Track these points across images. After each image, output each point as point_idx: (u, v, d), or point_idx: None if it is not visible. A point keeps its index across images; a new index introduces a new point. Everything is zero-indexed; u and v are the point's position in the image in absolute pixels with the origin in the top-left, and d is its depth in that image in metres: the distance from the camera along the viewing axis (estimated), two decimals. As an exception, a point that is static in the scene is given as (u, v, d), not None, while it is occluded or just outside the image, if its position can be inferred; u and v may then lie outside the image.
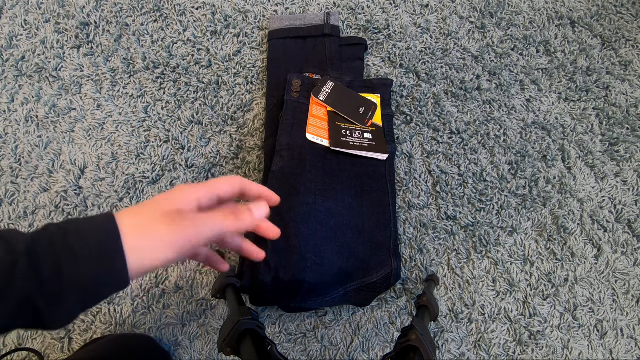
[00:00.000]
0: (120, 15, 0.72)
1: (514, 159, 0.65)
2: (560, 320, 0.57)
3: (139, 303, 0.57)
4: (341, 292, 0.53)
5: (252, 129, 0.66)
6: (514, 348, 0.56)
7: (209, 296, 0.57)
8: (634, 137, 0.67)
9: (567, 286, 0.59)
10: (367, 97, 0.64)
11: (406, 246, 0.60)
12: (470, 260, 0.60)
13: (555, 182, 0.64)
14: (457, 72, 0.70)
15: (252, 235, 0.53)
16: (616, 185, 0.64)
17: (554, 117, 0.68)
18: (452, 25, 0.73)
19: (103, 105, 0.67)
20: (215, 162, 0.64)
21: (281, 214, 0.52)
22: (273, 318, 0.57)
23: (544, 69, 0.71)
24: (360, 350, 0.56)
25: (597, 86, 0.70)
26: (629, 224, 0.62)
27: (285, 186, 0.55)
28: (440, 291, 0.59)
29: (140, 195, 0.62)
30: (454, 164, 0.64)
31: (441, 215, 0.62)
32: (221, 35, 0.71)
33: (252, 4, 0.74)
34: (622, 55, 0.72)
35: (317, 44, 0.70)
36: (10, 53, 0.70)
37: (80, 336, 0.55)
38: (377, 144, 0.60)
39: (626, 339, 0.57)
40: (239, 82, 0.68)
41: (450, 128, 0.66)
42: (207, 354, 0.55)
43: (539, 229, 0.61)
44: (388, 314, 0.57)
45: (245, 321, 0.38)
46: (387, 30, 0.72)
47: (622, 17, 0.75)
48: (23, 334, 0.55)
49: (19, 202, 0.61)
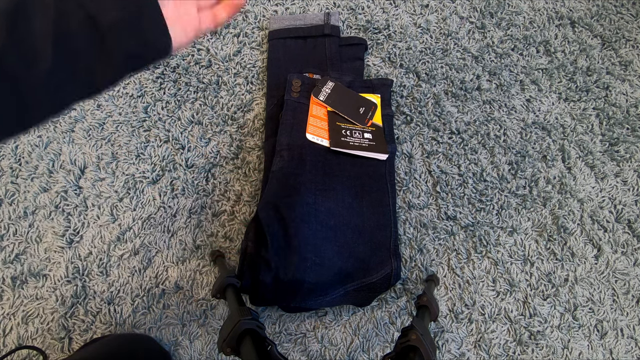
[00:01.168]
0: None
1: (514, 159, 0.65)
2: (560, 320, 0.57)
3: (139, 303, 0.57)
4: (341, 292, 0.53)
5: (252, 129, 0.66)
6: (514, 348, 0.56)
7: (209, 296, 0.57)
8: (634, 137, 0.67)
9: (567, 286, 0.59)
10: (367, 97, 0.64)
11: (406, 246, 0.60)
12: (470, 260, 0.60)
13: (555, 182, 0.64)
14: (457, 72, 0.70)
15: (253, 234, 0.53)
16: (616, 185, 0.64)
17: (554, 117, 0.68)
18: (452, 25, 0.73)
19: (103, 105, 0.67)
20: (215, 162, 0.64)
21: (281, 214, 0.52)
22: (273, 318, 0.57)
23: (544, 69, 0.71)
24: (360, 350, 0.56)
25: (597, 86, 0.70)
26: (629, 224, 0.62)
27: (285, 186, 0.55)
28: (440, 291, 0.59)
29: (140, 195, 0.62)
30: (454, 164, 0.64)
31: (441, 215, 0.62)
32: (221, 35, 0.71)
33: (252, 4, 0.74)
34: (622, 55, 0.72)
35: (317, 44, 0.70)
36: (10, 53, 0.70)
37: (80, 336, 0.55)
38: (377, 144, 0.60)
39: (626, 339, 0.57)
40: (239, 82, 0.68)
41: (450, 128, 0.66)
42: (207, 354, 0.55)
43: (539, 229, 0.61)
44: (388, 314, 0.57)
45: (245, 321, 0.38)
46: (387, 30, 0.72)
47: (622, 17, 0.75)
48: (23, 334, 0.55)
49: (19, 202, 0.61)
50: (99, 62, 0.28)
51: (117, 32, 0.27)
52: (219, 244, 0.60)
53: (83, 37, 0.26)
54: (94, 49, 0.27)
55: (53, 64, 0.25)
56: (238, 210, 0.61)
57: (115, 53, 0.28)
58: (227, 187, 0.63)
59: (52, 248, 0.59)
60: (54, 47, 0.25)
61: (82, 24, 0.26)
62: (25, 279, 0.58)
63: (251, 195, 0.62)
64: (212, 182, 0.63)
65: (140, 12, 0.28)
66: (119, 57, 0.28)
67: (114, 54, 0.28)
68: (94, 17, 0.26)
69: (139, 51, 0.29)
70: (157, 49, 0.31)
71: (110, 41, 0.27)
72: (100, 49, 0.27)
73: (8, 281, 0.57)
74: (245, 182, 0.63)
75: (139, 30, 0.29)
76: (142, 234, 0.60)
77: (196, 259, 0.59)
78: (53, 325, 0.56)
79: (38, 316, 0.56)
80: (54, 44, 0.25)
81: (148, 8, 0.29)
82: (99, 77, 0.29)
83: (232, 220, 0.61)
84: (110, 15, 0.27)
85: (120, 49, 0.28)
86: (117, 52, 0.28)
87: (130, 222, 0.60)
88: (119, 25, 0.27)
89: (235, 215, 0.61)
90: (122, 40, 0.28)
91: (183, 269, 0.59)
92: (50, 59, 0.25)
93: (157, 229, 0.60)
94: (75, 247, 0.59)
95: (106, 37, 0.27)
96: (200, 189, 0.62)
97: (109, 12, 0.27)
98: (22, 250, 0.59)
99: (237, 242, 0.60)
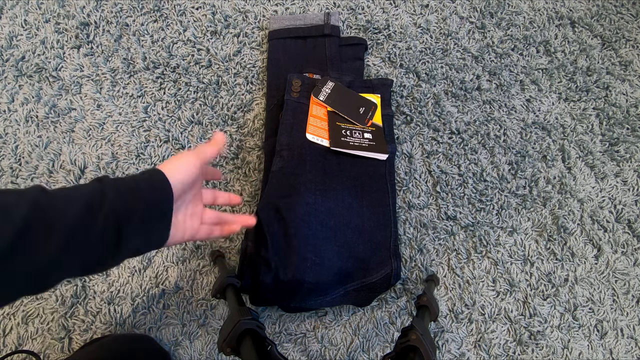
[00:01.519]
0: (120, 15, 0.72)
1: (514, 159, 0.65)
2: (560, 320, 0.57)
3: (139, 303, 0.57)
4: (341, 292, 0.53)
5: (252, 129, 0.66)
6: (514, 348, 0.56)
7: (209, 296, 0.57)
8: (634, 137, 0.67)
9: (567, 286, 0.59)
10: (367, 97, 0.64)
11: (406, 246, 0.60)
12: (470, 260, 0.60)
13: (555, 182, 0.64)
14: (457, 72, 0.70)
15: (253, 234, 0.53)
16: (616, 185, 0.64)
17: (554, 117, 0.68)
18: (452, 25, 0.73)
19: (103, 105, 0.67)
20: (215, 162, 0.64)
21: (281, 214, 0.52)
22: (273, 318, 0.57)
23: (544, 69, 0.71)
24: (360, 350, 0.56)
25: (597, 86, 0.70)
26: (629, 224, 0.62)
27: (285, 186, 0.55)
28: (440, 291, 0.59)
29: (140, 195, 0.62)
30: (454, 164, 0.64)
31: (441, 215, 0.62)
32: (221, 35, 0.71)
33: (252, 4, 0.74)
34: (622, 55, 0.72)
35: (317, 44, 0.70)
36: (10, 53, 0.70)
37: (80, 336, 0.55)
38: (377, 144, 0.60)
39: (626, 339, 0.57)
40: (239, 82, 0.68)
41: (450, 128, 0.66)
42: (207, 354, 0.55)
43: (539, 229, 0.61)
44: (388, 314, 0.57)
45: (245, 321, 0.38)
46: (387, 30, 0.72)
47: (622, 17, 0.75)
48: (23, 334, 0.55)
49: (19, 202, 0.61)
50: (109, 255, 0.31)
51: (132, 229, 0.31)
52: (219, 244, 0.60)
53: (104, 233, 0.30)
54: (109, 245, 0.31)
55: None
56: (238, 210, 0.61)
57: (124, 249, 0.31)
58: (227, 187, 0.63)
59: (52, 248, 0.59)
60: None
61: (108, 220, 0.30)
62: (25, 279, 0.58)
63: (251, 195, 0.62)
64: (212, 182, 0.63)
65: (157, 216, 0.34)
66: (125, 252, 0.32)
67: (123, 250, 0.31)
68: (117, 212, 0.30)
69: (140, 247, 0.33)
70: (154, 246, 0.35)
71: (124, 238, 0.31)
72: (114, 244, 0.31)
73: (8, 281, 0.57)
74: (245, 182, 0.63)
75: (148, 231, 0.33)
76: (142, 234, 0.60)
77: (196, 259, 0.59)
78: (53, 325, 0.56)
79: (38, 316, 0.56)
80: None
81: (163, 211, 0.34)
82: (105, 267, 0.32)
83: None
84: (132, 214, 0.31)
85: (130, 245, 0.32)
86: (125, 249, 0.31)
87: (130, 222, 0.60)
88: (136, 223, 0.31)
89: (235, 215, 0.61)
90: (132, 238, 0.32)
91: (183, 269, 0.59)
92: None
93: (157, 229, 0.60)
94: (75, 247, 0.59)
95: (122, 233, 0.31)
96: (200, 189, 0.62)
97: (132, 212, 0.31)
98: (22, 250, 0.59)
99: (237, 242, 0.60)
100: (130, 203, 0.31)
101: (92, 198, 0.29)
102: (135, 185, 0.32)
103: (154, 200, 0.33)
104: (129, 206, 0.31)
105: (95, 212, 0.29)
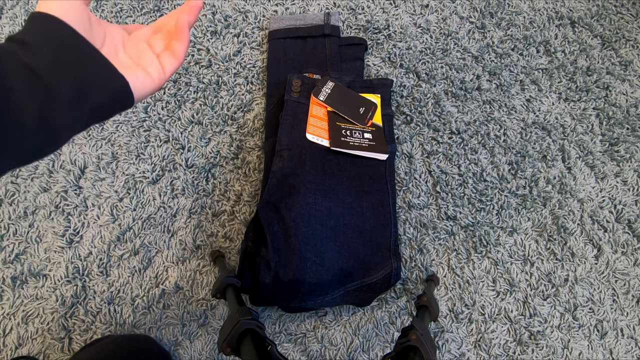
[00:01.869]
0: (120, 15, 0.72)
1: (514, 159, 0.65)
2: (560, 320, 0.57)
3: (139, 303, 0.57)
4: (341, 292, 0.53)
5: (252, 129, 0.66)
6: (514, 348, 0.56)
7: (209, 296, 0.57)
8: (634, 137, 0.67)
9: (567, 286, 0.59)
10: (367, 97, 0.64)
11: (406, 246, 0.60)
12: (470, 260, 0.60)
13: (555, 182, 0.64)
14: (457, 72, 0.70)
15: (253, 234, 0.53)
16: (616, 185, 0.64)
17: (554, 117, 0.68)
18: (452, 25, 0.73)
19: (103, 105, 0.67)
20: (215, 162, 0.64)
21: (281, 214, 0.52)
22: (273, 318, 0.57)
23: (544, 69, 0.71)
24: (360, 350, 0.56)
25: (597, 86, 0.70)
26: (629, 224, 0.62)
27: (285, 186, 0.55)
28: (440, 291, 0.59)
29: (140, 195, 0.62)
30: (454, 164, 0.64)
31: (441, 215, 0.62)
32: (221, 35, 0.71)
33: (252, 4, 0.74)
34: (622, 55, 0.72)
35: (317, 44, 0.70)
36: (10, 53, 0.70)
37: (80, 336, 0.56)
38: (377, 144, 0.60)
39: (626, 339, 0.57)
40: (239, 82, 0.68)
41: (450, 128, 0.66)
42: (207, 354, 0.55)
43: (539, 229, 0.61)
44: (388, 314, 0.57)
45: (245, 321, 0.38)
46: (387, 30, 0.72)
47: (622, 17, 0.75)
48: (23, 334, 0.55)
49: (19, 202, 0.61)
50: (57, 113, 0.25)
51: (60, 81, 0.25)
52: (219, 244, 0.60)
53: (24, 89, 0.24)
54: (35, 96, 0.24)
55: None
56: (238, 210, 0.61)
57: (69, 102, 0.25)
58: (227, 187, 0.63)
59: (52, 248, 0.59)
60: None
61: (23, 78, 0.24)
62: (25, 279, 0.58)
63: (251, 195, 0.62)
64: (212, 182, 0.63)
65: (78, 58, 0.26)
66: (83, 109, 0.26)
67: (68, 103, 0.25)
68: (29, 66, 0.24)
69: (100, 101, 0.27)
70: (108, 90, 0.28)
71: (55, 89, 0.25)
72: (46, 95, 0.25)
73: (8, 281, 0.57)
74: (245, 182, 0.63)
75: (80, 74, 0.26)
76: (142, 234, 0.60)
77: (196, 259, 0.59)
78: (53, 325, 0.56)
79: (38, 316, 0.56)
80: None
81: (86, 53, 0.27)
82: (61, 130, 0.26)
83: (232, 220, 0.61)
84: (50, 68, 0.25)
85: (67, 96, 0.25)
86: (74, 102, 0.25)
87: (130, 222, 0.60)
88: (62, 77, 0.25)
89: (235, 215, 0.61)
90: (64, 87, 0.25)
91: (183, 269, 0.59)
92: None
93: (157, 229, 0.60)
94: (75, 247, 0.59)
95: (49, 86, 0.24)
96: (200, 189, 0.62)
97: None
98: (22, 250, 0.59)
99: (237, 242, 0.60)
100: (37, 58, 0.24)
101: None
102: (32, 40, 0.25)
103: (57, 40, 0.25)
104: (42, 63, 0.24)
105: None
